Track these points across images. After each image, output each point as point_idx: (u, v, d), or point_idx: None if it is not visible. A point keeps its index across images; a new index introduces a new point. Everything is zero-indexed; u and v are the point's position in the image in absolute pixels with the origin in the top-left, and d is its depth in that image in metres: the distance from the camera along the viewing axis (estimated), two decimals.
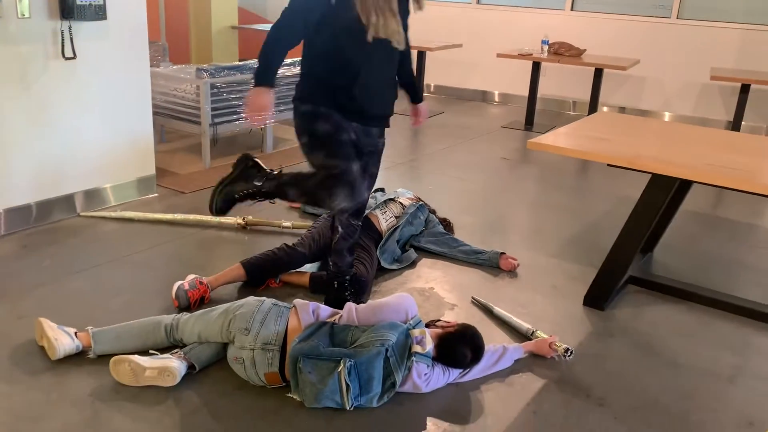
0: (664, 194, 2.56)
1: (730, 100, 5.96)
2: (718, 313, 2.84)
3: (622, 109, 6.81)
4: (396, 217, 3.24)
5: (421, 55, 6.40)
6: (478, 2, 7.22)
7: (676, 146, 2.82)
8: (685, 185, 3.05)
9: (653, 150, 2.72)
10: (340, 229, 2.52)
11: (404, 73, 2.61)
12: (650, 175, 2.60)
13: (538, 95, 6.37)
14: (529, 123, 6.11)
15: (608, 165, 2.63)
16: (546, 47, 5.76)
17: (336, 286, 2.61)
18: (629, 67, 5.51)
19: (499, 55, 5.85)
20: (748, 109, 5.64)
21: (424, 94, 7.64)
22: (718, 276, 3.21)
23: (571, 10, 6.73)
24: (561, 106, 7.04)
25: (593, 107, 5.80)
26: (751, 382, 2.35)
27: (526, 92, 6.20)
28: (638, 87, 6.63)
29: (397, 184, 4.27)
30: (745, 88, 5.31)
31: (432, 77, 7.63)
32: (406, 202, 3.36)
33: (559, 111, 7.00)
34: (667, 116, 6.55)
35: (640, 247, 2.71)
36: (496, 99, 7.39)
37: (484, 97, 7.46)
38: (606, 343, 2.56)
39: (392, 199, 3.34)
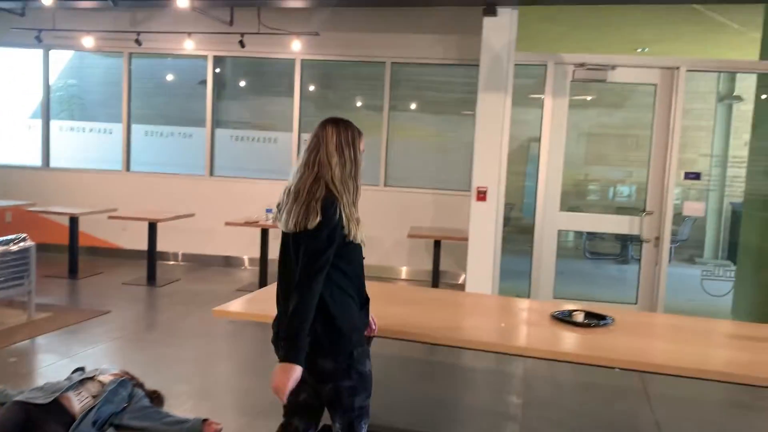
0: None
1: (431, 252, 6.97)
2: None
3: None
4: (93, 397, 3.17)
5: (153, 226, 6.53)
6: (211, 174, 7.70)
7: None
8: None
9: None
10: None
11: None
12: None
13: (275, 257, 6.88)
14: (263, 284, 6.43)
15: None
16: (271, 215, 6.27)
17: None
18: None
19: (227, 224, 6.22)
20: (445, 257, 6.64)
21: (171, 262, 7.70)
22: (411, 415, 3.62)
23: None
24: None
25: None
26: None
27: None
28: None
29: (119, 358, 4.19)
30: (437, 243, 6.29)
31: (175, 245, 7.73)
32: (107, 380, 3.31)
33: None
34: (403, 271, 7.37)
35: None
36: (246, 264, 7.67)
37: (230, 262, 7.71)
38: None
39: (90, 378, 3.28)
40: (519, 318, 3.23)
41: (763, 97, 6.18)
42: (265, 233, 6.33)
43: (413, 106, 7.69)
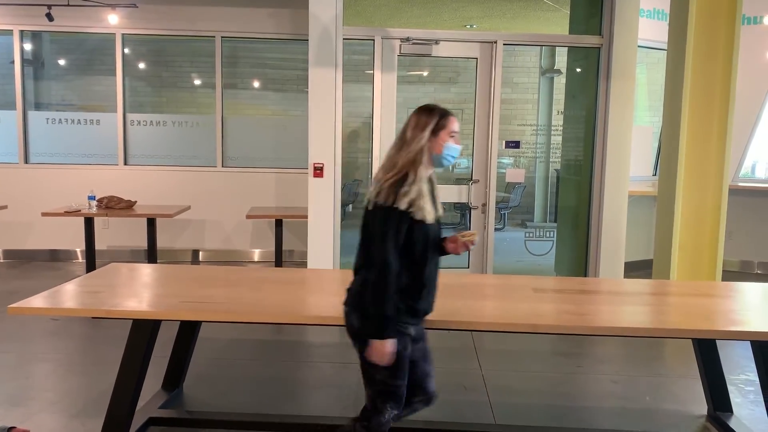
0: (146, 336, 2.77)
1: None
2: None
3: (196, 252, 7.25)
4: None
5: None
6: (26, 162, 7.01)
7: (170, 288, 3.10)
8: (186, 324, 3.35)
9: (142, 295, 2.94)
10: None
11: None
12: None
13: (107, 247, 6.66)
14: None
15: (93, 318, 2.75)
16: (94, 203, 5.83)
17: None
18: (177, 214, 5.93)
19: (44, 214, 5.70)
20: (291, 236, 6.58)
21: None
22: (251, 397, 3.54)
23: (125, 164, 7.03)
24: (134, 255, 7.12)
25: (152, 254, 6.02)
26: None
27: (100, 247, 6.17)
28: (200, 229, 7.16)
29: None
30: (279, 222, 6.20)
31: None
32: None
33: (132, 260, 7.07)
34: (249, 253, 7.17)
35: (137, 390, 2.84)
36: (80, 257, 7.07)
37: (59, 255, 7.09)
38: None
39: None
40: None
41: (578, 70, 6.68)
42: (89, 222, 5.87)
43: (255, 83, 7.48)
